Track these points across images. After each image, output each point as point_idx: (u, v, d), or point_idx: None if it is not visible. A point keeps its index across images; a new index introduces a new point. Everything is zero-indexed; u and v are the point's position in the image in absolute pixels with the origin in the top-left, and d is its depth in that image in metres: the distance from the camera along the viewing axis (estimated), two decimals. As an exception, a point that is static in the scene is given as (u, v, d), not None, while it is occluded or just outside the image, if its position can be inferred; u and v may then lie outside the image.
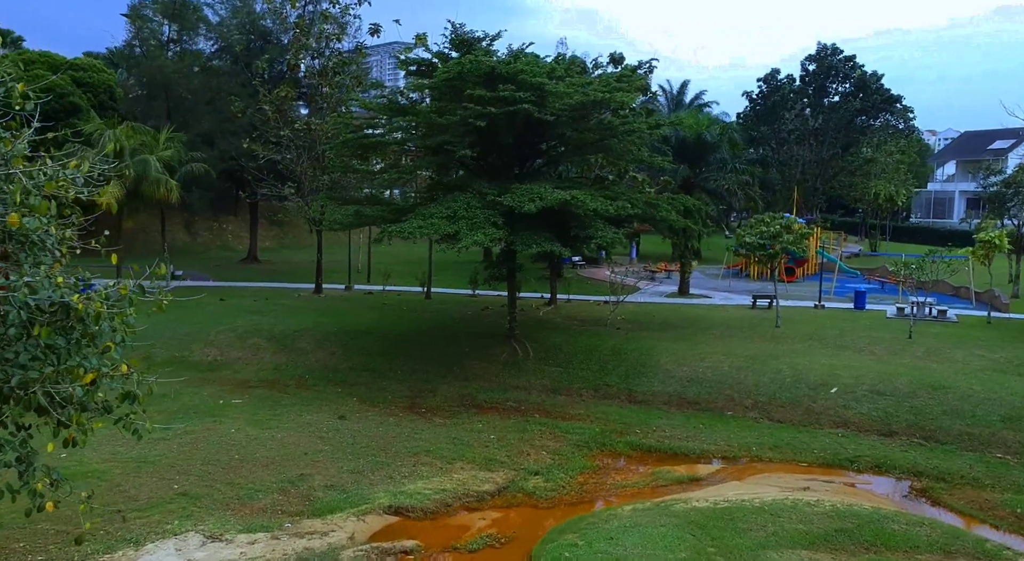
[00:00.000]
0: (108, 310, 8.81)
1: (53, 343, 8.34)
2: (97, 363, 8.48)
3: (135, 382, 9.01)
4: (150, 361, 30.84)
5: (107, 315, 8.63)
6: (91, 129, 37.36)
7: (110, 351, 8.93)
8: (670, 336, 32.24)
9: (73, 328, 8.57)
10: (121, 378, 8.84)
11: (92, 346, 8.85)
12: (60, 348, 8.43)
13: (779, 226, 32.10)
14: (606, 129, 27.40)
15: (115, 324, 8.86)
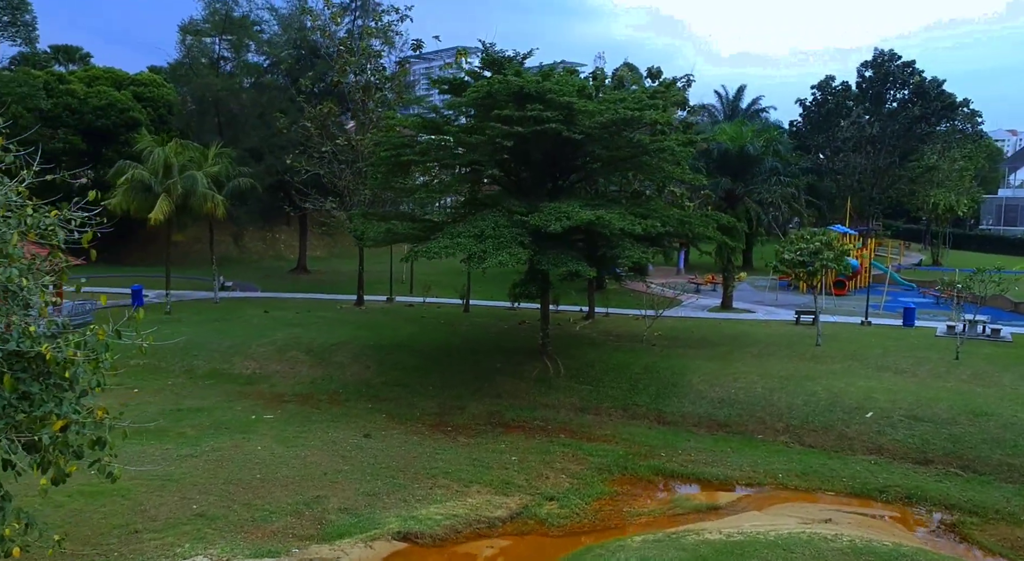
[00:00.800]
0: (83, 356, 9.10)
1: (28, 390, 8.67)
2: (68, 409, 8.75)
3: (107, 427, 9.25)
4: (192, 373, 31.85)
5: (79, 362, 8.91)
6: (142, 147, 38.64)
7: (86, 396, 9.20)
8: (705, 354, 31.78)
9: (50, 374, 8.90)
10: (92, 424, 9.07)
11: (69, 392, 9.16)
12: (34, 395, 8.75)
13: (819, 243, 31.34)
14: (636, 147, 27.15)
15: (89, 369, 9.13)
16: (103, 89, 58.70)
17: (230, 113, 49.06)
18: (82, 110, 56.49)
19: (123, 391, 29.02)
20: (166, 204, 36.46)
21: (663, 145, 26.63)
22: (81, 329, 9.48)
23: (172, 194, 36.64)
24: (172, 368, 32.23)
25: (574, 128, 26.42)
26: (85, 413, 9.04)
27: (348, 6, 55.01)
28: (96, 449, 9.19)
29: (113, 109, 57.16)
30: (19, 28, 50.38)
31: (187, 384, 30.51)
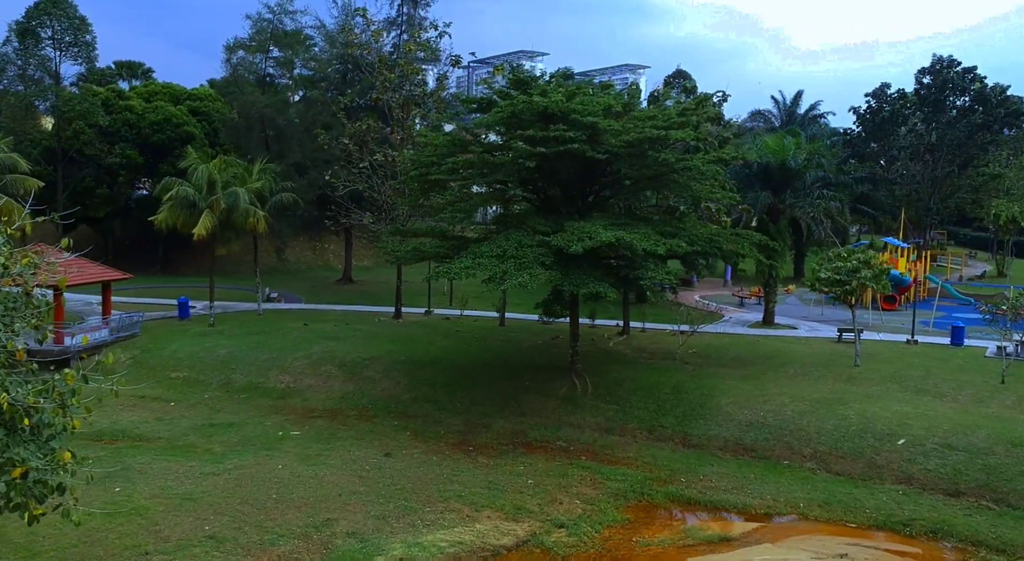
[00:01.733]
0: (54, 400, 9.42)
1: (-5, 436, 9.02)
2: (29, 456, 9.06)
3: (70, 472, 9.53)
4: (229, 386, 32.66)
5: (44, 409, 9.24)
6: (187, 164, 39.85)
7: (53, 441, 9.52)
8: (738, 374, 31.23)
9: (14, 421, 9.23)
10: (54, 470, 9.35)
11: (36, 438, 9.48)
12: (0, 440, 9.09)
13: (857, 261, 30.50)
14: (663, 166, 26.89)
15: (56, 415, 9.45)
16: (160, 104, 60.72)
17: (277, 128, 50.21)
18: (140, 125, 58.52)
19: (160, 404, 30.00)
20: (209, 220, 37.52)
21: (689, 164, 26.30)
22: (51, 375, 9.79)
23: (215, 210, 37.68)
24: (211, 381, 33.12)
25: (599, 148, 26.33)
26: (50, 458, 9.31)
27: (395, 20, 55.85)
28: (56, 494, 9.46)
29: (169, 124, 59.05)
30: (80, 47, 52.46)
31: (223, 398, 31.31)
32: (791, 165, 37.90)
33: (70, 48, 51.95)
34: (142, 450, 23.89)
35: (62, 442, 9.72)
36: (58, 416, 9.46)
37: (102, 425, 26.50)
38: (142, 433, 25.93)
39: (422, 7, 55.77)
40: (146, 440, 25.31)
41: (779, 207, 40.10)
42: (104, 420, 27.12)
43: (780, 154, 38.44)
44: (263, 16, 50.14)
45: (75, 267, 35.24)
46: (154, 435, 25.79)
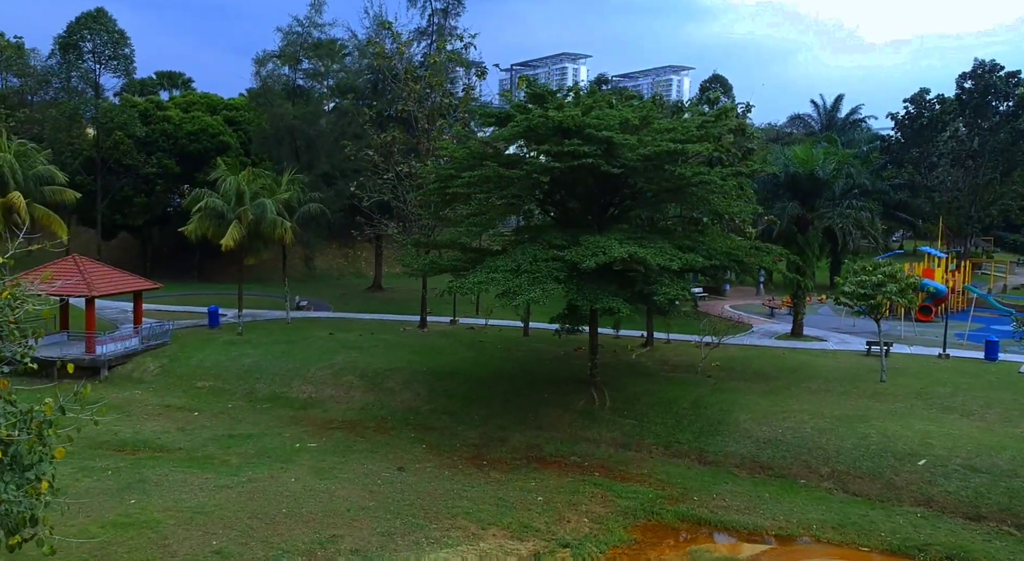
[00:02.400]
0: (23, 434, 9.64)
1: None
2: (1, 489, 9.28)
3: (43, 503, 9.74)
4: (252, 396, 33.15)
5: (19, 440, 9.46)
6: (216, 175, 40.62)
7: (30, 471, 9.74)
8: (759, 389, 30.82)
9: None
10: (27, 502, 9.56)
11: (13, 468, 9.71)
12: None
13: (882, 275, 29.89)
14: (679, 179, 26.66)
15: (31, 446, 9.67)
16: (197, 115, 62.00)
17: (307, 138, 50.90)
18: (177, 135, 59.81)
19: (184, 414, 30.56)
20: (237, 231, 38.19)
21: (705, 178, 26.03)
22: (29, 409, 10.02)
23: (243, 221, 38.33)
24: (235, 390, 33.66)
25: (614, 162, 26.20)
26: (25, 490, 9.53)
27: (425, 30, 56.27)
28: (28, 526, 9.67)
29: (205, 134, 60.26)
30: (119, 60, 53.79)
31: (245, 408, 31.79)
32: (819, 175, 37.28)
33: (109, 61, 53.30)
34: (161, 461, 24.37)
35: (39, 472, 9.93)
36: (35, 446, 9.68)
37: (126, 435, 27.16)
38: (163, 443, 26.44)
39: (452, 17, 56.14)
40: (167, 450, 25.80)
41: (808, 217, 39.46)
42: (128, 430, 27.80)
43: (808, 164, 37.85)
44: (293, 29, 50.92)
45: (107, 277, 36.19)
46: (175, 445, 26.28)
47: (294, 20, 50.86)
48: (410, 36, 55.74)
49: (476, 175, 26.80)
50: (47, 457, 10.03)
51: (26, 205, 39.44)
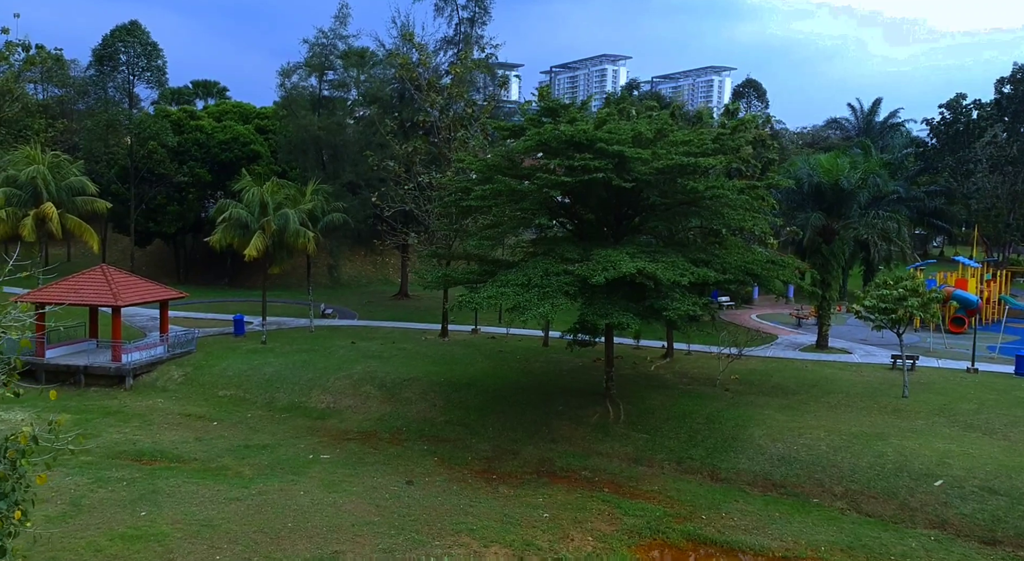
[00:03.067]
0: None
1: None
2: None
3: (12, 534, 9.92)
4: (272, 406, 33.58)
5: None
6: (240, 186, 41.27)
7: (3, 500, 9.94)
8: (777, 403, 30.43)
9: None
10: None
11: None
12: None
13: (903, 289, 29.32)
14: (691, 193, 26.46)
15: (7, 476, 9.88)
16: (229, 124, 63.01)
17: (332, 148, 51.48)
18: (209, 144, 60.86)
19: (203, 423, 31.06)
20: (260, 241, 38.77)
21: (718, 193, 25.79)
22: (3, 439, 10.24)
23: (267, 231, 38.89)
24: (256, 400, 34.12)
25: (626, 175, 26.11)
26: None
27: (452, 39, 56.55)
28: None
29: (236, 143, 61.22)
30: (152, 72, 54.97)
31: (264, 417, 32.22)
32: (844, 186, 36.67)
33: (143, 72, 54.47)
34: (176, 471, 24.81)
35: (10, 502, 10.13)
36: (8, 479, 9.89)
37: (144, 445, 27.68)
38: (180, 453, 26.90)
39: (478, 25, 56.37)
40: (182, 461, 26.25)
41: (833, 227, 38.84)
42: (147, 439, 28.34)
43: (833, 173, 37.25)
44: (318, 40, 51.55)
45: (134, 287, 36.96)
46: (191, 456, 26.72)
47: (319, 31, 51.58)
48: (436, 45, 56.20)
49: (488, 189, 26.87)
50: (20, 487, 10.22)
51: (59, 215, 40.46)
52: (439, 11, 55.79)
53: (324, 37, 51.41)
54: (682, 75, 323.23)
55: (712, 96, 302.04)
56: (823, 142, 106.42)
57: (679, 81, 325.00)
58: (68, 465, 24.59)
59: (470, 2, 56.03)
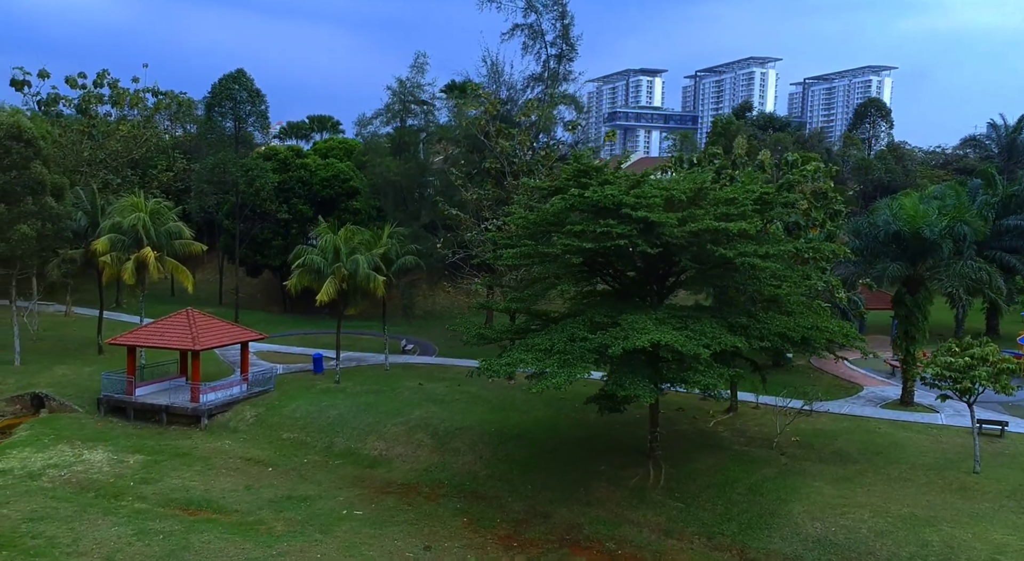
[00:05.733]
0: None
1: None
2: None
3: None
4: (329, 451, 34.84)
5: None
6: (316, 234, 43.14)
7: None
8: (831, 473, 28.68)
9: None
10: None
11: None
12: None
13: (971, 357, 26.98)
14: (720, 259, 25.52)
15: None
16: (332, 161, 65.95)
17: (410, 191, 52.97)
18: (311, 182, 63.95)
19: (259, 469, 32.60)
20: (332, 286, 40.41)
21: (747, 261, 24.67)
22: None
23: (337, 276, 40.48)
24: (315, 444, 35.44)
25: (655, 240, 25.52)
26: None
27: (539, 76, 56.97)
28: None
29: (337, 179, 64.01)
30: (256, 117, 58.42)
31: (318, 464, 33.41)
32: (926, 235, 34.13)
33: (248, 118, 57.97)
34: (212, 525, 26.16)
35: None
36: None
37: (196, 492, 29.38)
38: (224, 504, 28.36)
39: (565, 62, 56.52)
40: (224, 512, 27.68)
41: (919, 277, 36.26)
42: (200, 487, 30.05)
43: (915, 221, 34.75)
44: (396, 90, 53.29)
45: (214, 330, 39.31)
46: (233, 507, 28.12)
47: (398, 80, 53.30)
48: (524, 82, 56.81)
49: (517, 252, 26.98)
50: None
51: (157, 258, 43.63)
52: (526, 49, 56.34)
53: (402, 86, 53.12)
54: (837, 76, 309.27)
55: (871, 96, 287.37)
56: (957, 163, 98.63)
57: (833, 82, 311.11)
58: (119, 513, 26.55)
59: (558, 39, 56.28)
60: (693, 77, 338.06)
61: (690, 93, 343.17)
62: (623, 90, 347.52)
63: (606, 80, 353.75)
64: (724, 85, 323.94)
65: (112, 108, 68.74)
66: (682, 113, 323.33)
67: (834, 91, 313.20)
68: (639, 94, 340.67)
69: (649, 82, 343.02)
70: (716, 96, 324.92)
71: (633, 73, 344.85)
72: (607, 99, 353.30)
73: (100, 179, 59.96)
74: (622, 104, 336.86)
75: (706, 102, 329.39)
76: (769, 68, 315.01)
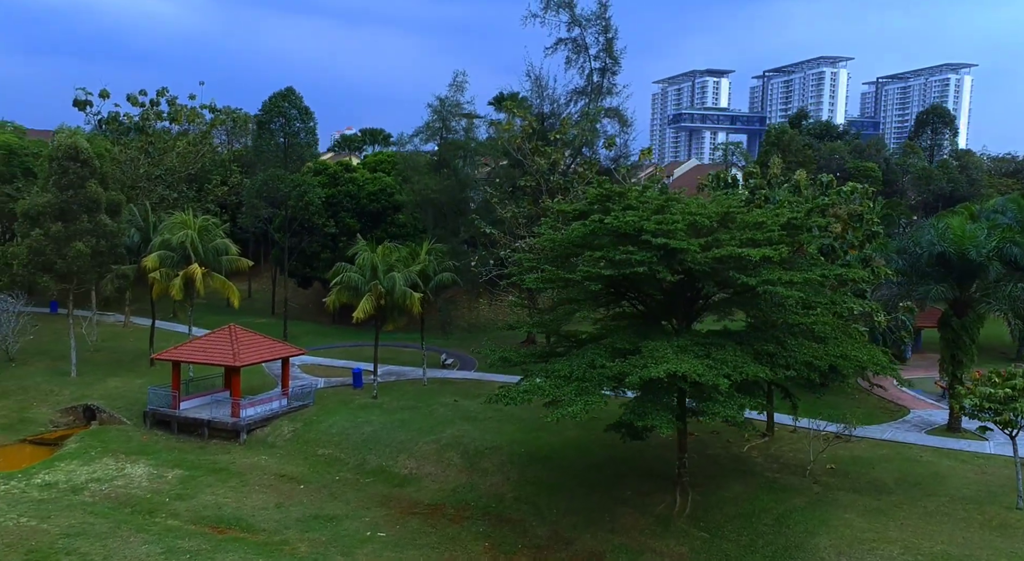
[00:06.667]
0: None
1: None
2: None
3: None
4: (361, 468, 35.27)
5: None
6: (354, 252, 43.80)
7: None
8: (864, 504, 27.81)
9: None
10: None
11: None
12: None
13: (1011, 389, 25.86)
14: (742, 286, 25.06)
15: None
16: (380, 175, 66.92)
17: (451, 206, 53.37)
18: (359, 195, 65.00)
19: (291, 486, 33.21)
20: (368, 303, 40.98)
21: (769, 289, 24.15)
22: None
23: (374, 294, 41.02)
24: (348, 460, 35.93)
25: (677, 266, 25.22)
26: None
27: (583, 90, 56.85)
28: None
29: (383, 193, 64.93)
30: (305, 134, 59.78)
31: (349, 482, 33.83)
32: (972, 257, 32.86)
33: (298, 135, 59.32)
34: (239, 545, 26.74)
35: None
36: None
37: (227, 510, 30.08)
38: (253, 522, 28.97)
39: (609, 76, 56.30)
40: (252, 531, 28.28)
41: (967, 299, 34.96)
42: (232, 504, 30.75)
43: (962, 242, 33.48)
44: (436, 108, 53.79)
45: (255, 346, 40.24)
46: (261, 526, 28.70)
47: (437, 99, 53.78)
48: (567, 96, 56.77)
49: (538, 277, 26.99)
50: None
51: (204, 275, 44.91)
52: (570, 63, 56.29)
53: (441, 105, 53.58)
54: (912, 75, 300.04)
55: (948, 97, 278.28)
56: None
57: (908, 81, 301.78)
58: (151, 530, 27.37)
59: (601, 52, 56.11)
60: (761, 77, 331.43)
61: (757, 94, 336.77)
62: (688, 91, 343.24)
63: (671, 81, 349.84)
64: (793, 85, 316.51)
65: (171, 124, 71.03)
66: (749, 114, 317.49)
67: (909, 90, 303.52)
68: (705, 95, 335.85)
69: (715, 83, 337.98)
70: (784, 97, 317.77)
71: (699, 74, 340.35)
72: (672, 100, 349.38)
73: (157, 194, 62.00)
74: (687, 106, 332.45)
75: (774, 103, 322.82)
76: (840, 67, 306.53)
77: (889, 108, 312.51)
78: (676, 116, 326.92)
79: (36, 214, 44.93)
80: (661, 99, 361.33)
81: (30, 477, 32.53)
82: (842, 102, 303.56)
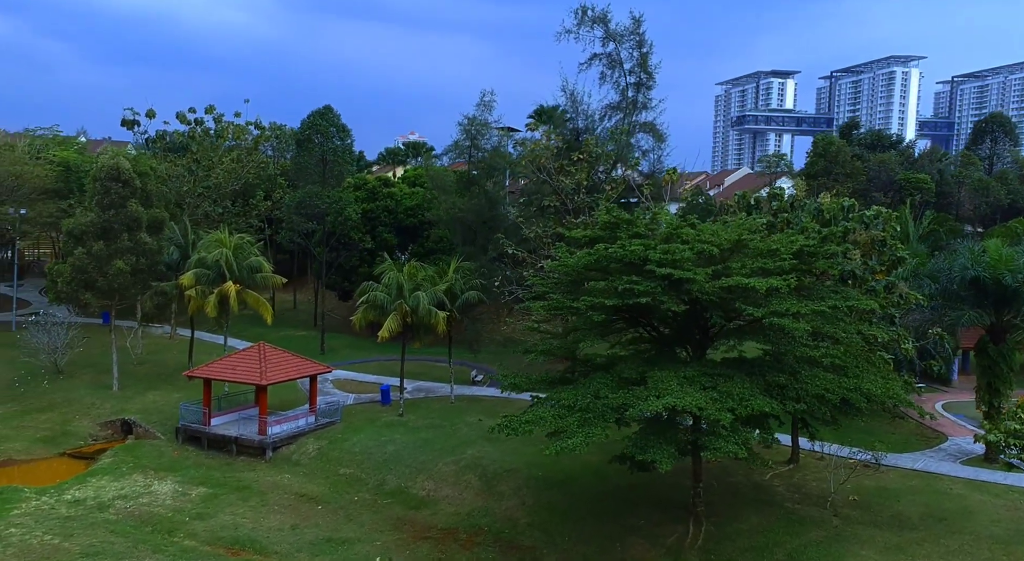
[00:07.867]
0: None
1: None
2: None
3: None
4: (380, 489, 35.53)
5: None
6: (380, 271, 44.23)
7: None
8: (884, 540, 26.94)
9: None
10: None
11: None
12: None
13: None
14: (748, 317, 24.54)
15: None
16: (418, 190, 67.53)
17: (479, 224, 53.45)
18: (396, 210, 65.68)
19: (308, 506, 33.64)
20: (393, 322, 41.35)
21: (775, 321, 23.58)
22: None
23: (400, 312, 41.37)
24: (368, 480, 36.24)
25: (683, 296, 24.84)
26: None
27: (618, 105, 56.48)
28: None
29: (420, 208, 65.48)
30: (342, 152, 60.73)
31: (366, 503, 34.13)
32: (1008, 282, 31.60)
33: (336, 152, 60.26)
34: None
35: None
36: None
37: (243, 530, 30.62)
38: (266, 545, 29.43)
39: (644, 91, 55.84)
40: (264, 553, 28.75)
41: (1003, 326, 33.64)
42: (249, 525, 31.28)
43: (997, 266, 32.24)
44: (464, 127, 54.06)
45: (283, 365, 40.95)
46: (273, 548, 29.15)
47: (466, 118, 54.03)
48: (601, 112, 56.50)
49: (545, 304, 26.90)
50: None
51: (238, 292, 45.92)
52: (604, 78, 55.95)
53: (470, 124, 53.81)
54: (990, 73, 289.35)
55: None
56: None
57: (986, 79, 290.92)
58: (167, 551, 28.02)
59: (636, 67, 55.67)
60: (828, 78, 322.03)
61: (824, 95, 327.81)
62: (752, 93, 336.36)
63: (735, 83, 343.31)
64: (862, 85, 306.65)
65: (217, 140, 72.85)
66: (816, 115, 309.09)
67: (987, 89, 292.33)
68: (769, 97, 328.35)
69: (780, 84, 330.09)
70: (853, 97, 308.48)
71: (764, 75, 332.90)
72: (736, 102, 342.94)
73: (202, 210, 63.66)
74: (751, 107, 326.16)
75: (842, 104, 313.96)
76: (912, 67, 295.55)
77: (965, 108, 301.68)
78: (739, 118, 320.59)
79: (80, 233, 46.55)
80: (724, 101, 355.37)
81: (62, 493, 33.61)
82: (913, 102, 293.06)
